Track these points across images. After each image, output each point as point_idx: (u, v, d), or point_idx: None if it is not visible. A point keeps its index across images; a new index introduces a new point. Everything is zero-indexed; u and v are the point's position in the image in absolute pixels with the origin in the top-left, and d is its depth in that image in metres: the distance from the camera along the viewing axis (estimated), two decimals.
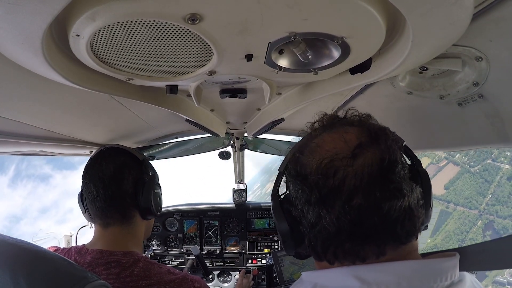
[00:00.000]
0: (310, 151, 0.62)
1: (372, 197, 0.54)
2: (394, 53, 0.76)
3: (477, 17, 0.65)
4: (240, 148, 2.25)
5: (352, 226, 0.55)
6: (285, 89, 1.27)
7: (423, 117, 1.19)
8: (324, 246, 0.60)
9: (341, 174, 0.55)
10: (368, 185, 0.54)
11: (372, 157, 0.56)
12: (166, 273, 0.97)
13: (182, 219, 2.47)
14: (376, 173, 0.55)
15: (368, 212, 0.54)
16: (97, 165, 1.06)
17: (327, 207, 0.57)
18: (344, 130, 0.61)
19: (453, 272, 0.57)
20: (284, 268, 1.70)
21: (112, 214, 1.04)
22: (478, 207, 46.32)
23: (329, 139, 0.61)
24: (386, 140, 0.58)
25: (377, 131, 0.60)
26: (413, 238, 0.59)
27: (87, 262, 0.95)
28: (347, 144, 0.58)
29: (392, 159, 0.56)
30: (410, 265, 0.56)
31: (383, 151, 0.56)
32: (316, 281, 0.63)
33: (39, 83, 0.85)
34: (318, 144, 0.62)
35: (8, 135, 1.13)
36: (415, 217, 0.57)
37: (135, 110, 1.36)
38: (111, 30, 0.61)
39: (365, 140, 0.58)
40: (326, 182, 0.56)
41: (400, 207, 0.55)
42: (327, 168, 0.57)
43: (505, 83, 0.85)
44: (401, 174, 0.56)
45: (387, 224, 0.55)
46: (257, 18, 0.58)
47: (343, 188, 0.55)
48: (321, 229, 0.58)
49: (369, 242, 0.56)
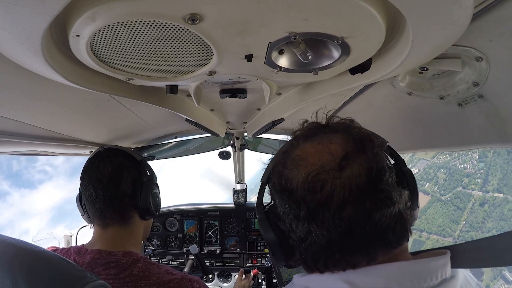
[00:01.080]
0: (294, 164, 0.60)
1: (362, 208, 0.53)
2: (394, 53, 0.76)
3: (477, 17, 0.65)
4: (240, 148, 2.25)
5: (343, 237, 0.54)
6: (285, 89, 1.27)
7: (423, 117, 1.19)
8: (315, 259, 0.59)
9: (328, 188, 0.54)
10: (357, 197, 0.53)
11: (359, 168, 0.54)
12: (165, 273, 0.97)
13: (182, 219, 2.47)
14: (364, 184, 0.54)
15: (359, 222, 0.53)
16: (95, 166, 1.06)
17: (316, 221, 0.55)
18: (328, 140, 0.59)
19: (444, 270, 0.57)
20: (282, 270, 1.70)
21: (111, 215, 1.04)
22: (452, 235, 46.26)
23: (313, 151, 0.59)
24: (373, 147, 0.57)
25: (362, 139, 0.58)
26: (405, 241, 0.58)
27: (86, 262, 0.95)
28: (332, 155, 0.56)
29: (380, 167, 0.55)
30: (399, 266, 0.56)
31: (370, 160, 0.55)
32: (307, 285, 0.62)
33: (39, 83, 0.85)
34: (301, 157, 0.60)
35: (8, 135, 1.13)
36: (405, 221, 0.57)
37: (135, 110, 1.36)
38: (111, 30, 0.61)
39: (351, 150, 0.56)
40: (314, 197, 0.55)
41: (390, 214, 0.54)
42: (314, 182, 0.55)
43: (505, 83, 0.85)
44: (389, 182, 0.55)
45: (379, 232, 0.54)
46: (257, 18, 0.58)
47: (331, 202, 0.54)
48: (311, 243, 0.57)
49: (360, 250, 0.56)
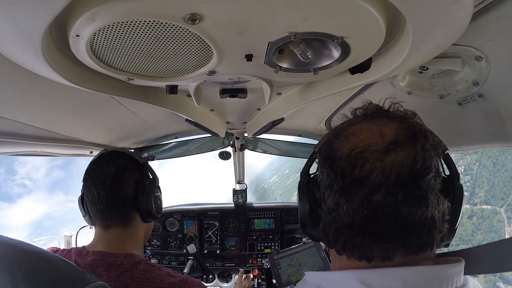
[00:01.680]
0: (344, 137, 0.60)
1: (393, 198, 0.52)
2: (394, 53, 0.76)
3: (477, 17, 0.65)
4: (240, 148, 2.25)
5: (366, 221, 0.54)
6: (285, 89, 1.27)
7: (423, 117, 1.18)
8: (336, 235, 0.58)
9: (368, 167, 0.53)
10: (393, 185, 0.52)
11: (404, 157, 0.53)
12: (167, 276, 0.97)
13: (182, 220, 2.47)
14: (404, 174, 0.52)
15: (385, 212, 0.52)
16: (98, 168, 1.06)
17: (347, 196, 0.55)
18: (383, 123, 0.58)
19: (458, 277, 0.56)
20: (281, 271, 1.71)
21: (113, 217, 1.04)
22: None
23: (366, 129, 0.59)
24: (424, 143, 0.55)
25: (417, 132, 0.57)
26: (428, 250, 0.56)
27: (87, 264, 0.95)
28: (382, 138, 0.55)
29: (425, 165, 0.53)
30: (417, 270, 0.54)
31: (418, 154, 0.53)
32: (319, 283, 0.62)
33: (39, 83, 0.85)
34: (354, 131, 0.60)
35: (8, 135, 1.13)
36: (435, 230, 0.54)
37: (135, 110, 1.36)
38: (111, 30, 0.61)
39: (402, 138, 0.55)
40: (352, 172, 0.55)
41: (421, 216, 0.52)
42: (356, 158, 0.55)
43: (505, 83, 0.85)
44: (430, 183, 0.53)
45: (402, 230, 0.53)
46: (257, 18, 0.58)
47: (367, 182, 0.53)
48: (336, 217, 0.57)
49: (378, 242, 0.54)
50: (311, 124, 1.83)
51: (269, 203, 2.54)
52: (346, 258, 0.59)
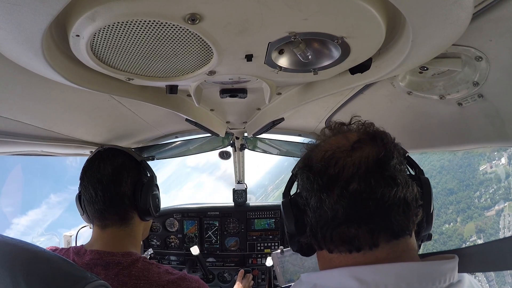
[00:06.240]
0: (317, 147, 0.70)
1: (367, 184, 0.59)
2: (394, 53, 0.76)
3: (476, 17, 0.65)
4: (240, 148, 2.25)
5: (348, 209, 0.60)
6: (285, 89, 1.27)
7: (423, 117, 1.19)
8: (323, 231, 0.64)
9: (340, 164, 0.62)
10: (364, 174, 0.60)
11: (369, 151, 0.62)
12: (165, 273, 0.96)
13: (182, 220, 2.47)
14: (371, 163, 0.61)
15: (363, 197, 0.59)
16: (95, 166, 1.05)
17: (327, 191, 0.62)
18: (347, 133, 0.70)
19: (452, 274, 0.58)
20: (283, 270, 1.70)
21: (111, 216, 1.04)
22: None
23: (334, 138, 0.70)
24: (383, 139, 0.65)
25: (376, 133, 0.67)
26: (406, 234, 0.61)
27: (85, 263, 0.95)
28: (348, 140, 0.66)
29: (388, 154, 0.62)
30: (409, 266, 0.57)
31: (379, 147, 0.63)
32: (315, 282, 0.64)
33: (39, 83, 0.85)
34: (324, 141, 0.71)
35: (8, 135, 1.13)
36: (410, 211, 0.61)
37: (135, 110, 1.36)
38: (111, 30, 0.61)
39: (364, 137, 0.65)
40: (327, 170, 0.63)
41: (394, 196, 0.59)
42: (329, 158, 0.64)
43: (505, 83, 0.85)
44: (396, 167, 0.62)
45: (381, 210, 0.59)
46: (257, 18, 0.58)
47: (341, 176, 0.61)
48: (321, 213, 0.63)
49: (362, 225, 0.60)
50: (311, 124, 1.83)
51: (269, 203, 2.55)
52: (338, 254, 0.64)
